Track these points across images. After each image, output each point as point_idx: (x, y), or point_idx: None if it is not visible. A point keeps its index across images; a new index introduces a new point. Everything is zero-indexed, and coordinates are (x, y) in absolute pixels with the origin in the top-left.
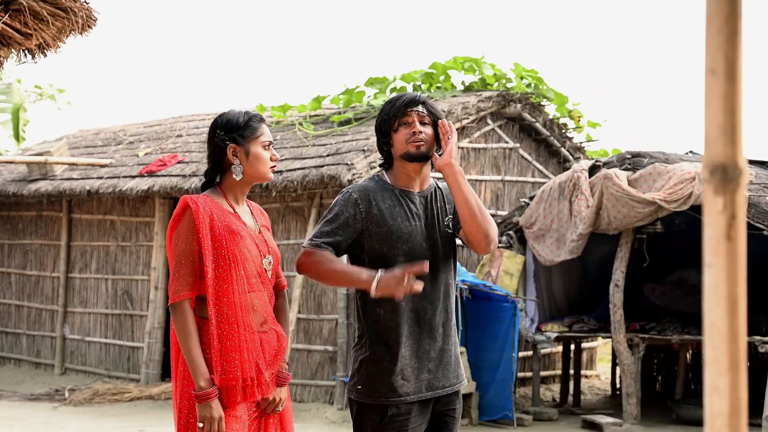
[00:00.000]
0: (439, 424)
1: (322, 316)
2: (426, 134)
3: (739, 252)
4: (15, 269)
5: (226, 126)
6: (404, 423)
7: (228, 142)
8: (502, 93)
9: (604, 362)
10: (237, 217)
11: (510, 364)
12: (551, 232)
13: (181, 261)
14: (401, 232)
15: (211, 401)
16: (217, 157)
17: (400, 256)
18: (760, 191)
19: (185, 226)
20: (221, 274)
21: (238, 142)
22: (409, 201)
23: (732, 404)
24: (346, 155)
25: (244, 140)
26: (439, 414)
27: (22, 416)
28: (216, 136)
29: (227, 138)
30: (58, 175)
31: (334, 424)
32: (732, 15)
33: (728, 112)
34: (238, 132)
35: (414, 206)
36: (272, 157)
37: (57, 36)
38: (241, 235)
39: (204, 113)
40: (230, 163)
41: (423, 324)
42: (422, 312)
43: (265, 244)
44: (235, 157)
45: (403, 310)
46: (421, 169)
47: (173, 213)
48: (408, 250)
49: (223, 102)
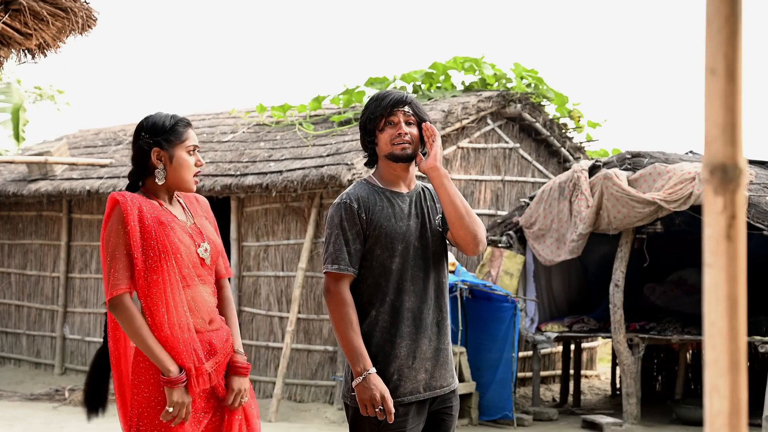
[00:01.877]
0: (436, 422)
1: (322, 316)
2: (411, 135)
3: (739, 252)
4: (15, 269)
5: (151, 129)
6: (402, 424)
7: (152, 145)
8: (502, 93)
9: (604, 362)
10: (167, 211)
11: (510, 364)
12: (551, 232)
13: (114, 255)
14: (396, 233)
15: (181, 386)
16: (140, 160)
17: (396, 257)
18: (760, 191)
19: (115, 220)
20: (151, 266)
21: (163, 146)
22: (399, 202)
23: (732, 404)
24: (346, 155)
25: (169, 144)
26: (435, 413)
27: (22, 416)
28: (140, 138)
29: (152, 141)
30: (58, 175)
31: (334, 424)
32: (732, 15)
33: (728, 112)
34: (163, 136)
35: (405, 206)
36: (197, 162)
37: (57, 36)
38: (171, 226)
39: (204, 113)
40: (154, 167)
41: (417, 323)
42: (417, 311)
43: (199, 233)
44: (159, 161)
45: (397, 311)
46: (407, 169)
47: (104, 213)
48: (403, 250)
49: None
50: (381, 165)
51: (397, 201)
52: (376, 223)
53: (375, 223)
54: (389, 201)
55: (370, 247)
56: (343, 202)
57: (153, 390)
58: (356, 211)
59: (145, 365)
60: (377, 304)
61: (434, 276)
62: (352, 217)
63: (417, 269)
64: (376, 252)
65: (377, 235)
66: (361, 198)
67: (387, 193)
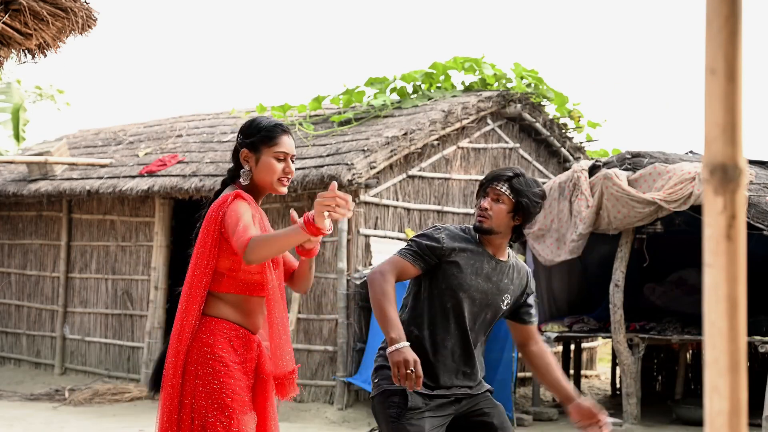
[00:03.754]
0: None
1: (322, 316)
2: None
3: (739, 252)
4: (15, 269)
5: (246, 131)
6: (422, 412)
7: (242, 146)
8: (502, 93)
9: (604, 362)
10: (259, 209)
11: (510, 364)
12: (551, 232)
13: (246, 220)
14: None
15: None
16: (235, 158)
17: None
18: (760, 191)
19: (241, 205)
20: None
21: (251, 149)
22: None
23: (732, 404)
24: (346, 155)
25: (258, 147)
26: (467, 416)
27: (22, 416)
28: (237, 138)
29: (243, 142)
30: (58, 175)
31: (334, 424)
32: (732, 15)
33: (728, 112)
34: (253, 138)
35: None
36: (285, 169)
37: (57, 36)
38: (263, 226)
39: (204, 113)
40: (243, 167)
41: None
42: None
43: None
44: (246, 162)
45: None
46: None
47: (217, 201)
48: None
49: (223, 102)
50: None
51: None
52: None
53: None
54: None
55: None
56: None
57: (214, 374)
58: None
59: (207, 355)
60: (422, 326)
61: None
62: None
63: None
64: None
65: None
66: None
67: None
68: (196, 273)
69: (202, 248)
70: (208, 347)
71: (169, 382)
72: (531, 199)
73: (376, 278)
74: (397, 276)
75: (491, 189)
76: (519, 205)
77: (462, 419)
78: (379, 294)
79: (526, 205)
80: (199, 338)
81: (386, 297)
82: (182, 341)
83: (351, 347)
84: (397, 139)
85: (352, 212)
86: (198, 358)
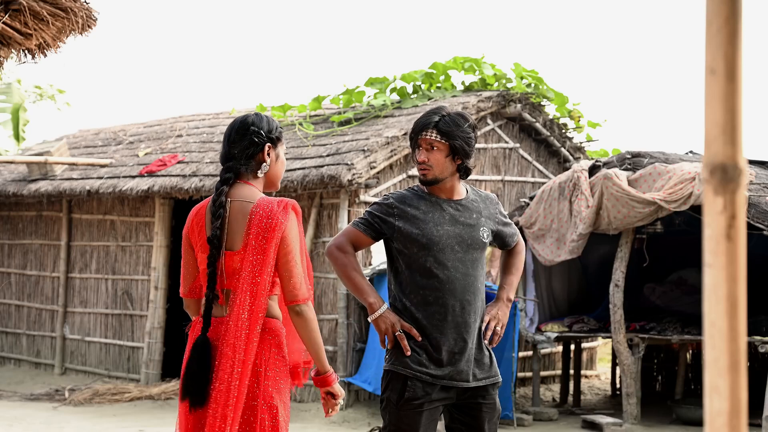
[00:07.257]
0: (469, 412)
1: (322, 316)
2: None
3: (739, 252)
4: (15, 269)
5: (266, 126)
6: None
7: (266, 141)
8: (502, 93)
9: (604, 362)
10: None
11: (510, 364)
12: (551, 232)
13: (300, 258)
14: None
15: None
16: (252, 153)
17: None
18: (760, 191)
19: (298, 226)
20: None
21: (274, 144)
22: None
23: (732, 404)
24: (346, 155)
25: (276, 143)
26: (466, 404)
27: (22, 416)
28: (252, 133)
29: (266, 138)
30: (58, 175)
31: (334, 424)
32: (732, 15)
33: (728, 112)
34: (276, 134)
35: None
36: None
37: (57, 36)
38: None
39: (204, 113)
40: (260, 162)
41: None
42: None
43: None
44: (268, 156)
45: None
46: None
47: (273, 207)
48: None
49: (223, 102)
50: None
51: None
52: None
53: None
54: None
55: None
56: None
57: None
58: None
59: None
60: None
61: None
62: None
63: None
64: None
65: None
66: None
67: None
68: (260, 279)
69: (262, 255)
70: (277, 348)
71: (234, 388)
72: (462, 137)
73: (333, 252)
74: (352, 244)
75: (422, 139)
76: (453, 147)
77: (457, 406)
78: (342, 265)
79: (460, 146)
80: (266, 339)
81: (351, 266)
82: (250, 344)
83: (351, 347)
84: (397, 139)
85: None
86: (268, 360)
